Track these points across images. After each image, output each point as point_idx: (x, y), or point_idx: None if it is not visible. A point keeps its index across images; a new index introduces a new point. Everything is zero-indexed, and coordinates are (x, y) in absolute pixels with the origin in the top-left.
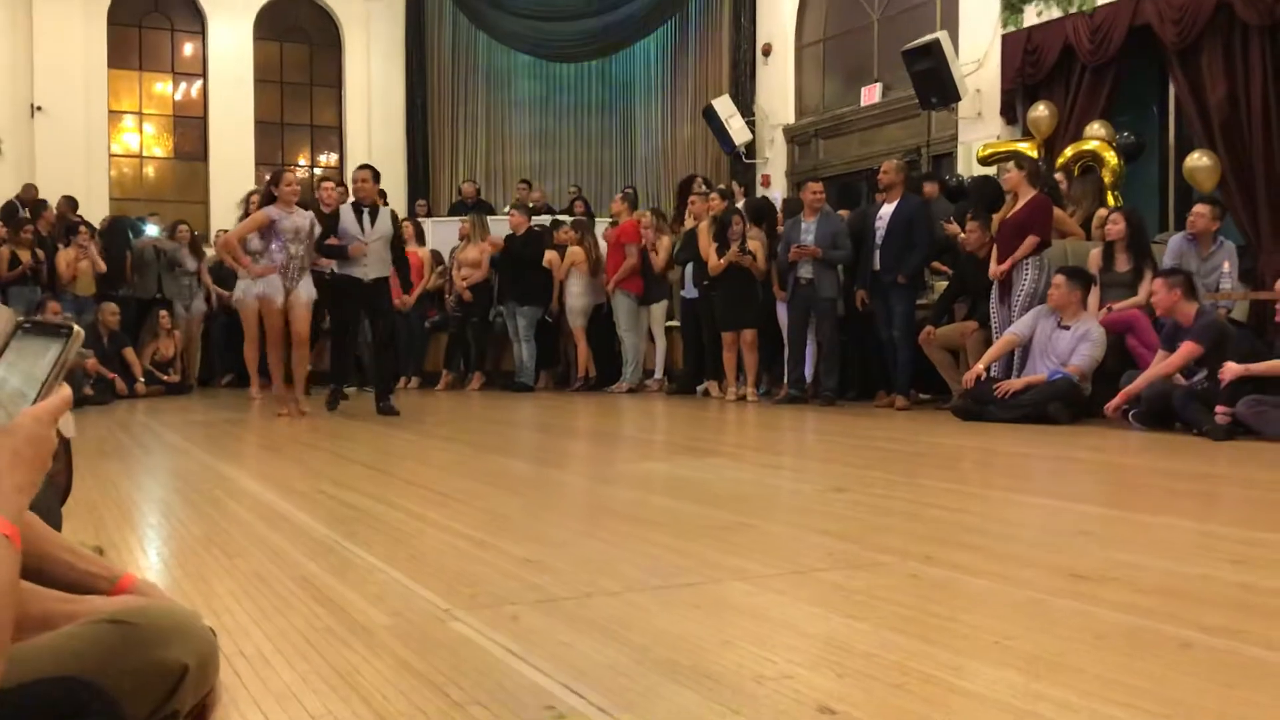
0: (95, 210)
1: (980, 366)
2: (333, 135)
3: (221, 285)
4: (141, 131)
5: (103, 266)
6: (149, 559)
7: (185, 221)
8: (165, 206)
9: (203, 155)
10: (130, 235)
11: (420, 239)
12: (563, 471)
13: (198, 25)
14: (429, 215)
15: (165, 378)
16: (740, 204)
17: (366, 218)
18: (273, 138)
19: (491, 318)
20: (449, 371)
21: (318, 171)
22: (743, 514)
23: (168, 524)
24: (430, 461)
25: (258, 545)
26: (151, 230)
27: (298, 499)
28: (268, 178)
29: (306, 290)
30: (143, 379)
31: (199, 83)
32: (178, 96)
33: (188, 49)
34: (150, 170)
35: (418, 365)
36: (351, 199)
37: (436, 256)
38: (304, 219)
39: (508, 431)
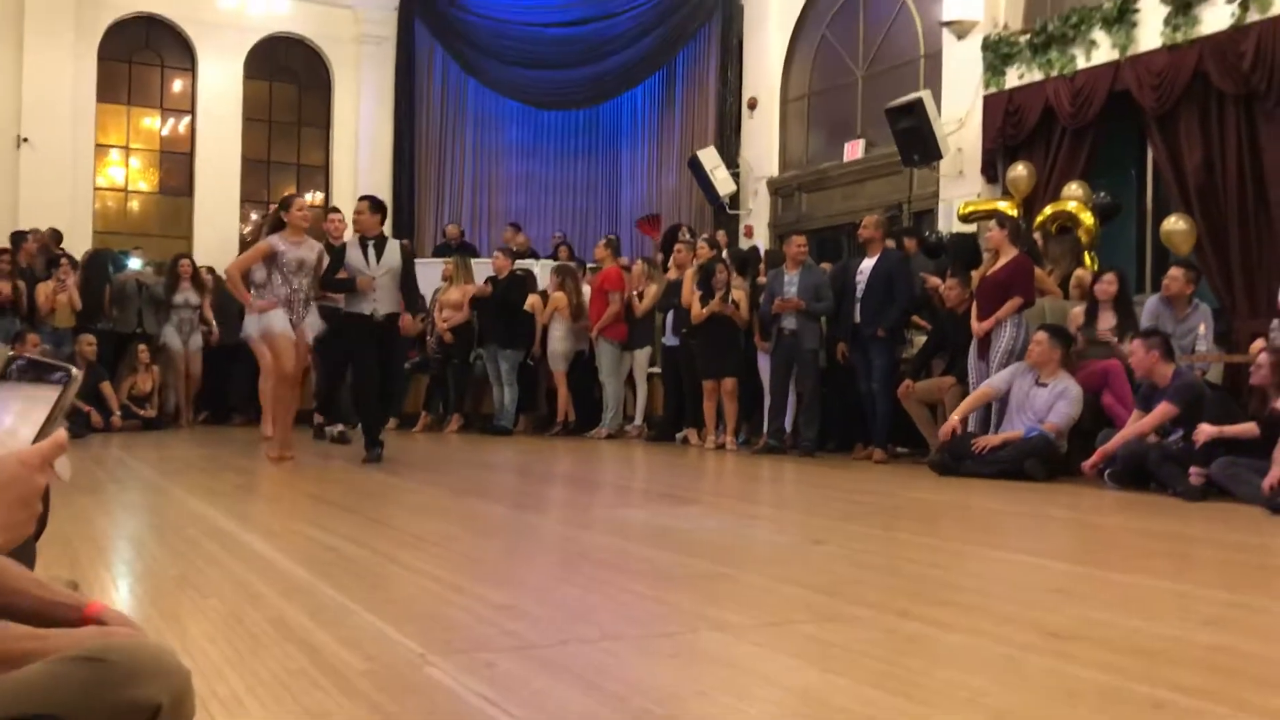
0: (78, 243)
1: (955, 419)
2: (319, 175)
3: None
4: (128, 166)
5: (79, 304)
6: (122, 597)
7: (187, 255)
8: (149, 241)
9: (188, 191)
10: (111, 269)
11: None
12: (541, 516)
13: (188, 62)
14: (413, 256)
15: (142, 412)
16: (725, 254)
17: (372, 251)
18: (259, 175)
19: (472, 360)
20: (428, 413)
21: None
22: (721, 564)
23: (141, 562)
24: (408, 504)
25: (232, 585)
26: (134, 264)
27: (274, 539)
28: (275, 204)
29: (312, 325)
30: (119, 413)
31: (187, 119)
32: (165, 132)
33: (177, 85)
34: (135, 204)
35: (397, 407)
36: (352, 233)
37: (421, 299)
38: (311, 251)
39: (486, 475)
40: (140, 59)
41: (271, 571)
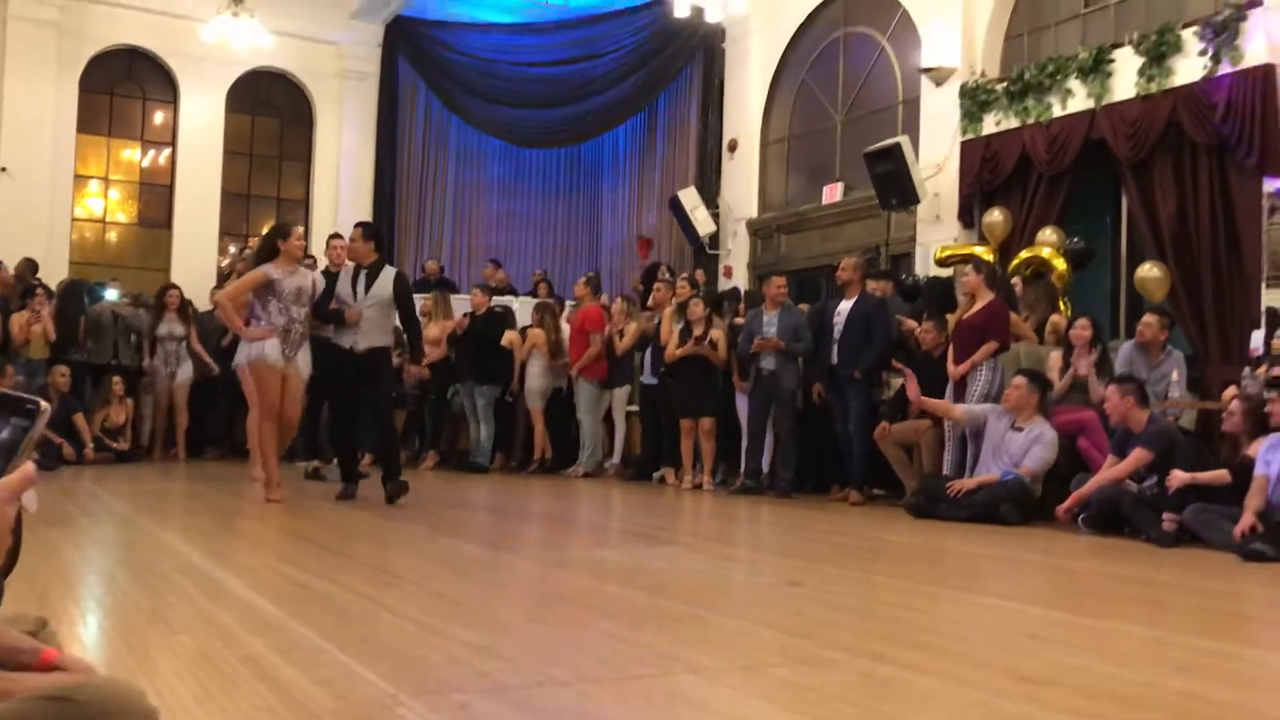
0: (55, 273)
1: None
2: (299, 209)
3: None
4: (106, 197)
5: (53, 335)
6: (91, 632)
7: (176, 286)
8: (126, 273)
9: (166, 223)
10: (86, 299)
11: None
12: (516, 555)
13: (170, 95)
14: (410, 288)
15: (115, 445)
16: (703, 293)
17: (362, 281)
18: (238, 209)
19: (450, 396)
20: (404, 450)
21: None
22: (696, 605)
23: (111, 596)
24: (382, 541)
25: (203, 621)
26: (111, 295)
27: (246, 575)
28: (259, 235)
29: (304, 362)
30: (91, 445)
31: (168, 151)
32: (145, 164)
33: (158, 117)
34: (113, 235)
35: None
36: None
37: (396, 333)
38: (307, 279)
39: (461, 513)
40: (122, 91)
41: (243, 608)
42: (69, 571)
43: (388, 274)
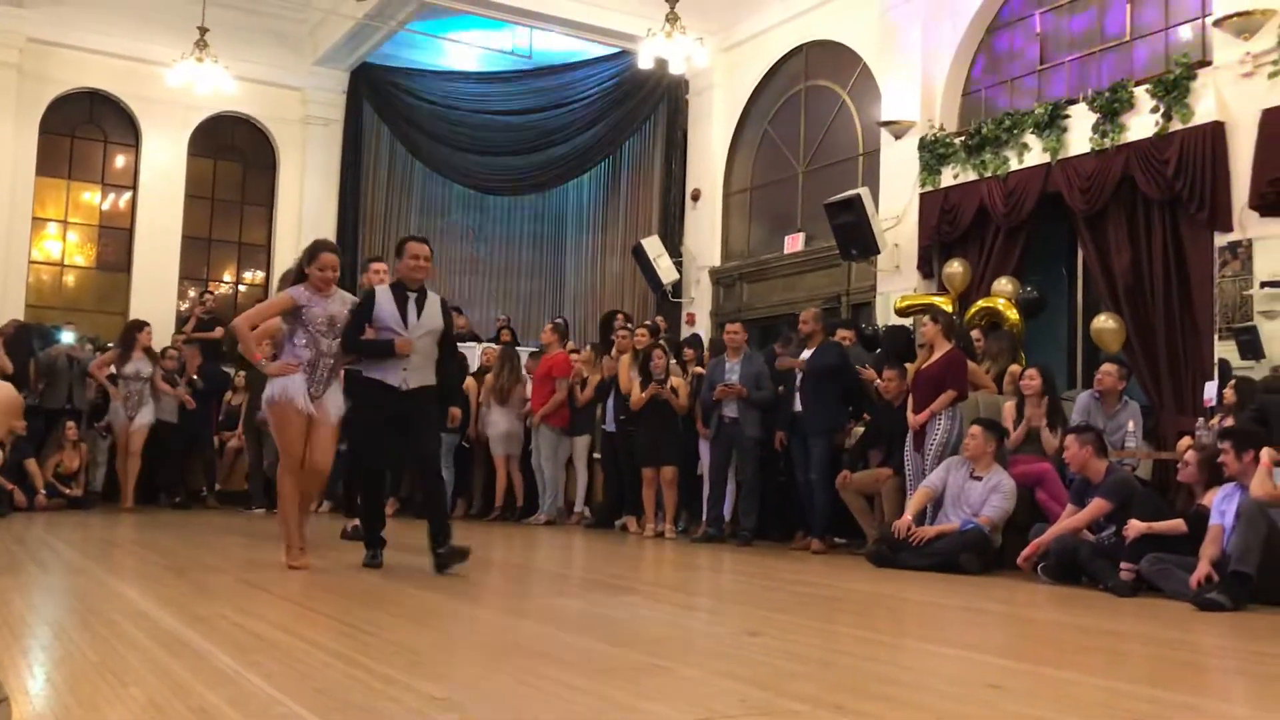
0: (9, 316)
1: (909, 517)
2: (260, 254)
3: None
4: (65, 240)
5: (10, 367)
6: (38, 684)
7: (147, 322)
8: (83, 316)
9: (126, 267)
10: (36, 343)
11: None
12: (475, 605)
13: (132, 138)
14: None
15: (68, 491)
16: (664, 340)
17: (412, 305)
18: (199, 253)
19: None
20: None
21: (242, 288)
22: (656, 655)
23: (60, 646)
24: (339, 590)
25: (155, 673)
26: (67, 338)
27: (199, 625)
28: (302, 252)
29: (335, 403)
30: (44, 491)
31: (128, 194)
32: (105, 207)
33: (119, 161)
34: (70, 279)
35: (329, 489)
36: (393, 279)
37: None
38: (343, 306)
39: (420, 560)
40: (83, 134)
41: (196, 659)
42: (16, 622)
43: (434, 300)
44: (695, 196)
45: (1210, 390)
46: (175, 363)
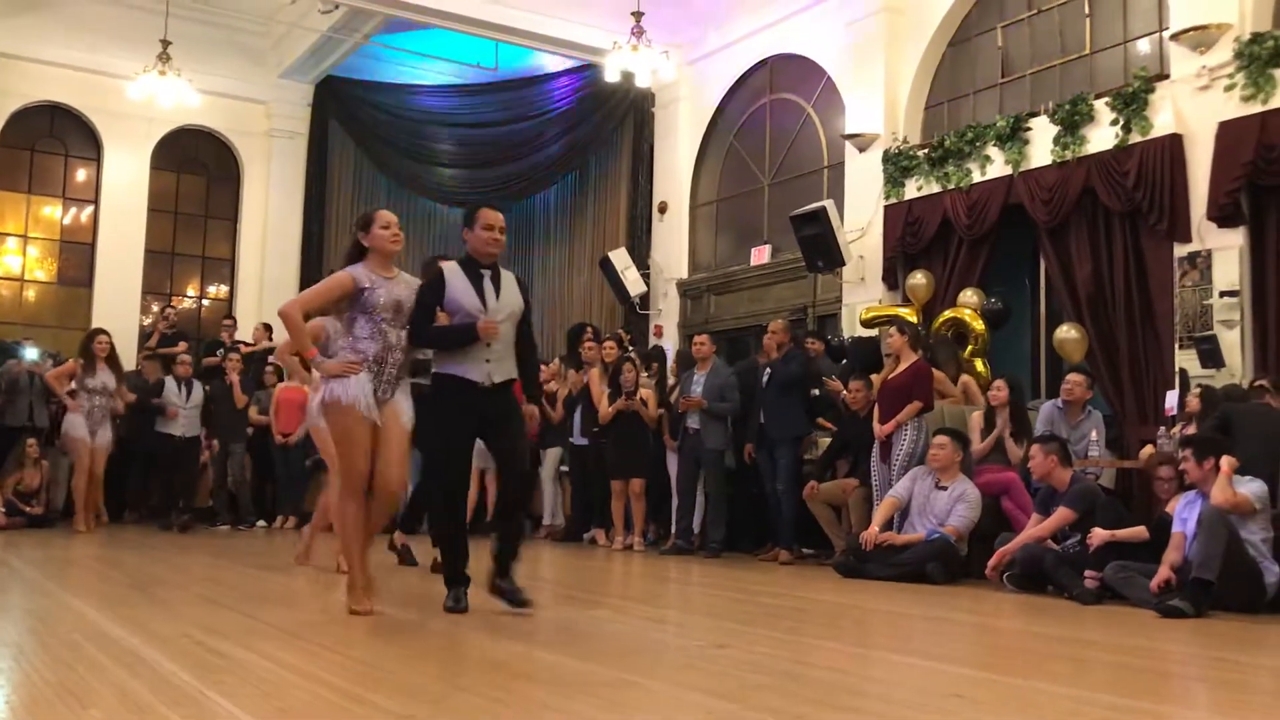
0: None
1: (875, 528)
2: (225, 267)
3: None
4: (25, 254)
5: None
6: None
7: (105, 331)
8: (44, 332)
9: (88, 281)
10: None
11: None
12: (441, 619)
13: (93, 152)
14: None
15: (28, 509)
16: (633, 352)
17: (488, 283)
18: (162, 267)
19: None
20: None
21: (205, 303)
22: (625, 669)
23: (19, 669)
24: (303, 606)
25: (116, 694)
26: (31, 355)
27: (161, 644)
28: (356, 221)
29: (405, 407)
30: (3, 510)
31: (90, 209)
32: (66, 221)
33: (81, 175)
34: (31, 294)
35: (295, 505)
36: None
37: None
38: (409, 290)
39: (386, 576)
40: (43, 147)
41: (158, 680)
42: None
43: (510, 277)
44: (662, 209)
45: (1171, 399)
46: (188, 367)
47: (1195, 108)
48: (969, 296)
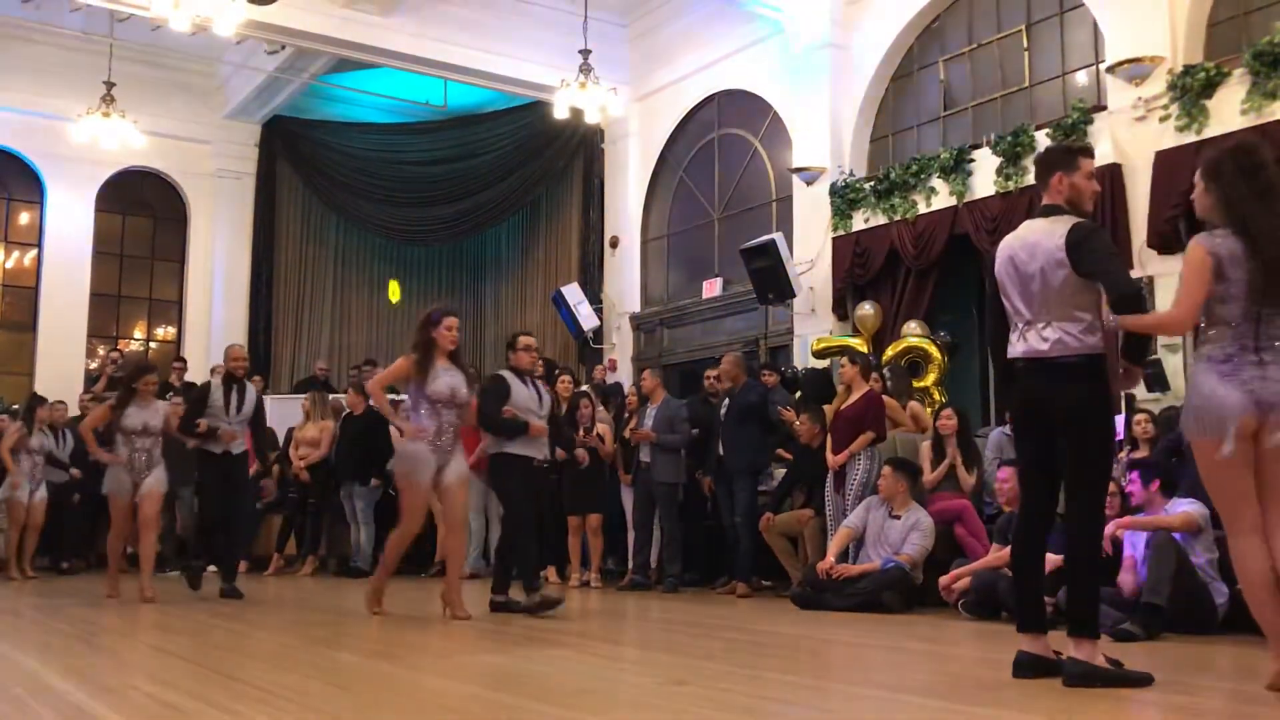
0: None
1: (831, 559)
2: (172, 309)
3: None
4: None
5: None
6: None
7: (43, 398)
8: None
9: (31, 326)
10: None
11: None
12: (395, 665)
13: (36, 195)
14: (266, 392)
15: None
16: (588, 388)
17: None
18: (108, 310)
19: (343, 496)
20: (279, 555)
21: (153, 345)
22: (583, 710)
23: None
24: (256, 654)
25: None
26: None
27: (108, 697)
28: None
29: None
30: None
31: (33, 252)
32: (9, 265)
33: (24, 218)
34: None
35: (248, 548)
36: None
37: (273, 435)
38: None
39: (339, 620)
40: None
41: None
42: None
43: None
44: (614, 244)
45: (1118, 423)
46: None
47: (1133, 137)
48: (913, 328)
